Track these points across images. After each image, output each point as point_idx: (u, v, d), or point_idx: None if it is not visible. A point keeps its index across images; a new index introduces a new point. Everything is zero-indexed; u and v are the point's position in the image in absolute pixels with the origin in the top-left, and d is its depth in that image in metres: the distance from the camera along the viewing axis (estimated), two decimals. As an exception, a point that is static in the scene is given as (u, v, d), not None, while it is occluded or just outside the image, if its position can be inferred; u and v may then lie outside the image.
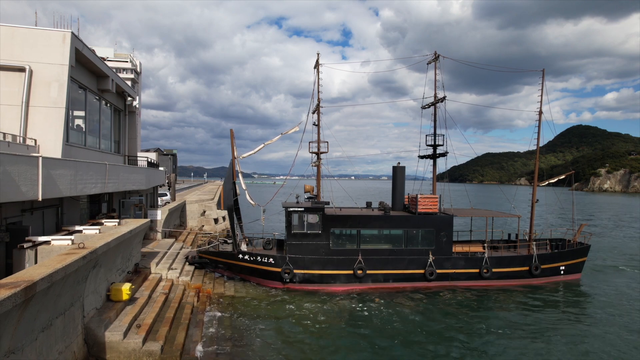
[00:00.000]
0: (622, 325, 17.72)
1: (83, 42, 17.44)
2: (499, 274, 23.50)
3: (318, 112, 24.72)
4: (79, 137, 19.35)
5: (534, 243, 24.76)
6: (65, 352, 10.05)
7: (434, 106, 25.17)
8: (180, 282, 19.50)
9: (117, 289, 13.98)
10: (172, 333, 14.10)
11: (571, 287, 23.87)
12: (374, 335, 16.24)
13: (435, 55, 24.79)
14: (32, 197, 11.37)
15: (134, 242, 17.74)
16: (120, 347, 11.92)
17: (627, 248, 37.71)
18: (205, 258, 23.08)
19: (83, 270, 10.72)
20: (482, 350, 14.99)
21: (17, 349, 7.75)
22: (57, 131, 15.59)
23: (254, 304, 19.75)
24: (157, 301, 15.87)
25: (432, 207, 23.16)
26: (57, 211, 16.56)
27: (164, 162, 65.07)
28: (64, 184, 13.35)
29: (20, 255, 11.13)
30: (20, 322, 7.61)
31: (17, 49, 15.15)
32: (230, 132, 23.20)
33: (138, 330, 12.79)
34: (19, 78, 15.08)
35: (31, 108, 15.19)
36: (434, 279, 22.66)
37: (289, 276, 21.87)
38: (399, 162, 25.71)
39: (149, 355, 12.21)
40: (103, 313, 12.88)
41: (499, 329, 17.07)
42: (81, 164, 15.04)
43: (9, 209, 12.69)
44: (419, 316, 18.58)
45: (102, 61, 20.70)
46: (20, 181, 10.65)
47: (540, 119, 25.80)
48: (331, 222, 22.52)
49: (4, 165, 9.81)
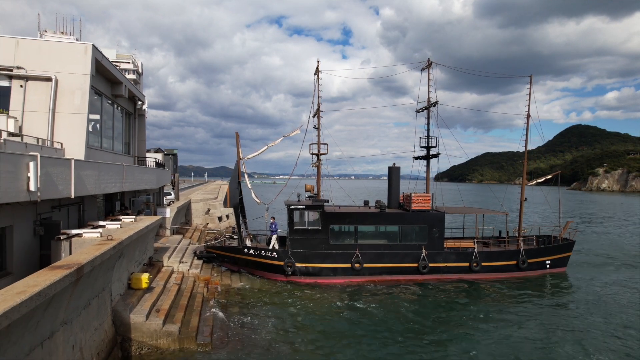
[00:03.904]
0: (600, 314, 19.25)
1: (102, 52, 18.97)
2: (488, 267, 25.05)
3: (318, 116, 26.27)
4: (96, 140, 20.87)
5: (522, 239, 26.30)
6: (99, 329, 11.59)
7: (427, 110, 26.72)
8: (190, 275, 21.01)
9: (137, 278, 15.50)
10: (187, 318, 15.64)
11: (556, 279, 25.43)
12: (369, 322, 17.77)
13: (428, 62, 26.32)
14: (66, 195, 12.89)
15: (149, 237, 19.28)
16: (143, 328, 13.45)
17: (612, 244, 39.27)
18: (213, 252, 24.62)
19: (112, 259, 12.25)
20: (468, 334, 16.53)
21: (68, 321, 9.28)
22: (80, 135, 17.13)
23: (258, 294, 21.28)
24: (171, 290, 17.39)
25: (425, 205, 24.69)
26: (79, 208, 18.12)
27: (166, 162, 66.49)
28: (90, 183, 14.89)
29: (57, 246, 12.64)
30: (71, 298, 9.14)
31: (44, 61, 16.64)
32: (236, 134, 24.73)
33: (158, 314, 14.33)
34: (46, 87, 16.58)
35: (57, 114, 16.70)
36: (426, 272, 24.22)
37: (291, 269, 23.42)
38: (394, 163, 27.25)
39: (169, 335, 13.77)
40: (126, 299, 14.42)
41: (485, 317, 18.60)
42: (103, 165, 16.57)
43: (43, 206, 14.21)
44: (412, 305, 20.11)
45: (117, 69, 22.23)
46: (58, 181, 12.18)
47: (528, 122, 27.33)
48: (330, 218, 24.05)
49: (46, 167, 11.33)
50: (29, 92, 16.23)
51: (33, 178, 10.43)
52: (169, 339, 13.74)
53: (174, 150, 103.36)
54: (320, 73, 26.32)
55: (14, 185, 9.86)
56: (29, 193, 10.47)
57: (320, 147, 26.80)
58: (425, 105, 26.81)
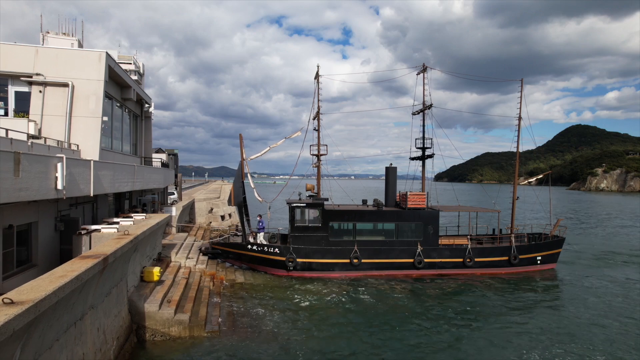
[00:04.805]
0: (587, 307, 20.36)
1: (114, 59, 20.06)
2: (481, 263, 26.16)
3: (318, 119, 27.38)
4: (107, 142, 21.95)
5: (514, 236, 27.40)
6: (118, 316, 12.69)
7: (422, 113, 27.83)
8: (197, 270, 22.11)
9: (149, 271, 16.64)
10: (196, 308, 16.75)
11: (546, 275, 26.54)
12: (366, 313, 18.87)
13: (423, 66, 27.43)
14: (86, 193, 13.98)
15: (158, 234, 20.41)
16: (156, 317, 14.56)
17: (603, 242, 40.38)
18: (218, 249, 25.73)
19: (129, 252, 13.35)
20: (459, 325, 17.63)
21: (94, 305, 10.38)
22: (95, 137, 18.24)
23: (262, 288, 22.39)
24: (180, 284, 18.49)
25: (421, 203, 25.80)
26: (93, 206, 19.23)
27: (169, 162, 67.74)
28: (107, 182, 15.98)
29: (78, 240, 13.74)
30: (97, 285, 10.24)
31: (61, 68, 17.71)
32: (240, 136, 25.84)
33: (169, 305, 15.43)
34: (63, 92, 17.66)
35: (73, 118, 17.80)
36: (422, 267, 25.33)
37: (292, 264, 24.53)
38: (391, 163, 28.37)
39: (180, 324, 14.88)
40: (140, 290, 15.53)
41: (477, 309, 19.71)
42: (117, 166, 17.66)
43: (62, 204, 15.32)
44: (407, 298, 21.22)
45: (127, 74, 23.32)
46: (80, 180, 13.27)
47: (520, 125, 28.41)
48: (330, 216, 25.16)
49: (70, 168, 12.42)
50: (47, 97, 17.32)
51: (60, 178, 11.51)
52: (180, 327, 14.85)
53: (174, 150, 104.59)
54: (320, 77, 27.41)
55: (44, 184, 10.94)
56: (56, 191, 11.56)
57: (320, 148, 27.92)
58: (420, 108, 27.91)
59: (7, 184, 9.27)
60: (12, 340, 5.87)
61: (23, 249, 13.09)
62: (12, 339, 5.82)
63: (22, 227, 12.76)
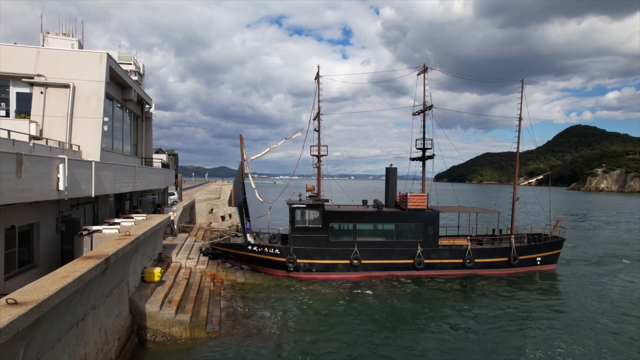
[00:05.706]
0: (587, 307, 20.40)
1: (115, 60, 20.11)
2: (481, 264, 26.20)
3: (318, 120, 27.44)
4: (108, 142, 21.99)
5: (513, 237, 27.45)
6: (119, 316, 12.74)
7: (423, 113, 27.89)
8: (197, 270, 22.14)
9: (150, 272, 16.69)
10: (197, 308, 16.79)
11: (545, 276, 26.58)
12: (366, 313, 18.92)
13: (424, 67, 27.50)
14: (87, 194, 14.03)
15: (159, 234, 20.45)
16: (157, 317, 14.61)
17: (602, 242, 40.43)
18: (218, 249, 25.77)
19: (130, 253, 13.39)
20: (459, 325, 17.68)
21: (96, 306, 10.44)
22: (95, 138, 18.29)
23: (262, 288, 22.44)
24: (180, 284, 18.53)
25: (421, 204, 25.85)
26: (93, 207, 19.28)
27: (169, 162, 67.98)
28: (108, 183, 16.03)
29: (80, 241, 13.79)
30: (99, 285, 10.29)
31: (62, 69, 17.76)
32: (240, 137, 25.88)
33: (170, 305, 15.47)
34: (65, 93, 17.71)
35: (74, 119, 17.84)
36: (422, 268, 25.38)
37: (292, 265, 24.58)
38: (391, 164, 28.42)
39: (180, 324, 14.93)
40: (141, 290, 15.58)
41: (477, 311, 19.75)
42: (118, 167, 17.71)
43: (64, 204, 15.37)
44: (407, 299, 21.27)
45: (128, 75, 23.38)
46: (81, 181, 13.32)
47: (520, 125, 28.47)
48: (330, 217, 25.21)
49: (71, 168, 12.47)
50: (48, 98, 17.37)
51: (62, 178, 11.56)
52: (181, 327, 14.90)
53: (174, 151, 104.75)
54: (320, 78, 27.46)
55: (46, 185, 11.00)
56: (58, 192, 11.61)
57: (321, 148, 27.97)
58: (421, 109, 27.97)
59: (10, 185, 9.32)
60: (16, 341, 5.93)
61: (25, 249, 13.14)
62: (16, 339, 5.87)
63: (23, 227, 12.81)
